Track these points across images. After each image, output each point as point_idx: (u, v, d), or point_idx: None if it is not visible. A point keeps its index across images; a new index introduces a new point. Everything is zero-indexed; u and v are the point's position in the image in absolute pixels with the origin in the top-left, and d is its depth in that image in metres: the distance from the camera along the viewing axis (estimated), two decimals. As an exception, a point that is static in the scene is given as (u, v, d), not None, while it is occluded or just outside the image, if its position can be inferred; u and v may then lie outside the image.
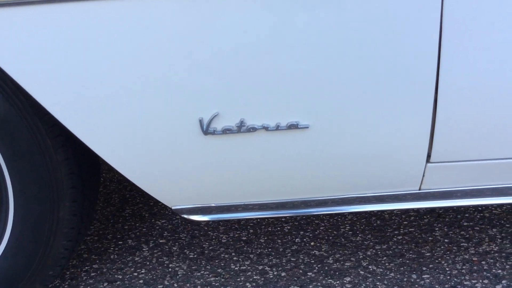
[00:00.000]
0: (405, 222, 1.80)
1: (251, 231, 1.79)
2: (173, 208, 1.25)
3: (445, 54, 1.04)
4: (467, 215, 1.82)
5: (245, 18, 1.02)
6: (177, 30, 1.03)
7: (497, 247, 1.62)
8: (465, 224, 1.77)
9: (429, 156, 1.16)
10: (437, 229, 1.75)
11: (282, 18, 1.02)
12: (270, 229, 1.79)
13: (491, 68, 1.05)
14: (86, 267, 1.63)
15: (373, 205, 1.25)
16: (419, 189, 1.22)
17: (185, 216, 1.26)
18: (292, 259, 1.61)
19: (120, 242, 1.77)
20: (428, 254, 1.60)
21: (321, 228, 1.78)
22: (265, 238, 1.74)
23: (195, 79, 1.06)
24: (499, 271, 1.50)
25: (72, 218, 1.33)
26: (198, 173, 1.17)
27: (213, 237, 1.77)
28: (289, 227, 1.80)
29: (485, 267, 1.52)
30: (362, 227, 1.78)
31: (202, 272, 1.57)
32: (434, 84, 1.06)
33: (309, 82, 1.06)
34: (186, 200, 1.23)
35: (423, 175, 1.19)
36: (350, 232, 1.75)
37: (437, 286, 1.44)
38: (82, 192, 1.34)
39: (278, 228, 1.80)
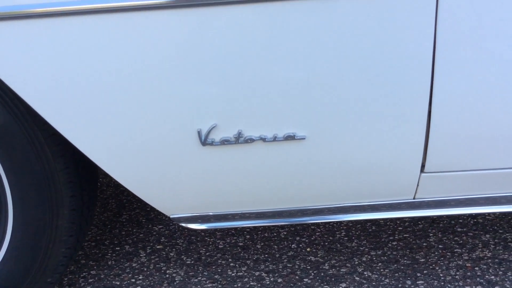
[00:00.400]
0: (399, 228, 1.82)
1: (248, 236, 1.81)
2: (171, 216, 1.27)
3: (438, 67, 1.06)
4: (460, 221, 1.85)
5: (242, 31, 1.03)
6: (175, 43, 1.04)
7: (490, 253, 1.64)
8: (459, 230, 1.79)
9: (423, 166, 1.18)
10: (431, 235, 1.77)
11: (278, 31, 1.03)
12: (266, 235, 1.81)
13: (484, 80, 1.07)
14: (84, 273, 1.64)
15: (369, 214, 1.27)
16: (414, 198, 1.24)
17: (183, 224, 1.27)
18: (288, 265, 1.63)
19: (118, 248, 1.79)
20: (422, 260, 1.62)
21: (317, 234, 1.80)
22: (262, 244, 1.76)
23: (193, 92, 1.08)
24: (492, 277, 1.52)
25: (71, 226, 1.35)
26: (196, 183, 1.19)
27: (210, 242, 1.78)
28: (285, 233, 1.82)
29: (478, 273, 1.54)
30: (357, 233, 1.80)
31: (199, 278, 1.59)
32: (428, 97, 1.08)
33: (305, 95, 1.08)
34: (184, 209, 1.25)
35: (418, 185, 1.21)
36: (346, 238, 1.77)
37: (431, 292, 1.46)
38: (81, 200, 1.35)
39: (275, 234, 1.81)
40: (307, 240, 1.77)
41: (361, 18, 1.02)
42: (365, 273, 1.57)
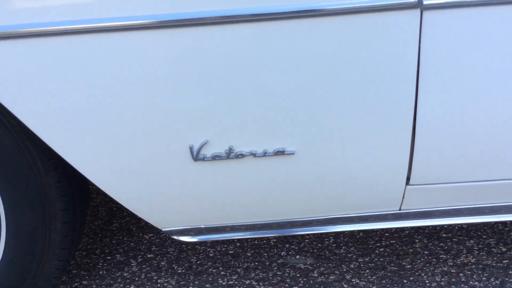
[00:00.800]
0: (386, 234, 1.86)
1: (238, 244, 1.83)
2: (163, 229, 1.29)
3: (422, 86, 1.09)
4: (445, 226, 1.89)
5: (232, 51, 1.06)
6: (167, 62, 1.06)
7: (474, 259, 1.68)
8: (444, 235, 1.83)
9: (408, 179, 1.22)
10: (417, 240, 1.81)
11: (267, 50, 1.06)
12: (256, 242, 1.84)
13: (465, 99, 1.11)
14: (76, 283, 1.65)
15: (357, 225, 1.30)
16: (399, 209, 1.28)
17: (175, 237, 1.30)
18: (278, 273, 1.66)
19: (109, 257, 1.80)
20: (408, 266, 1.66)
21: (306, 241, 1.83)
22: (252, 251, 1.79)
23: (185, 109, 1.10)
24: (476, 283, 1.56)
25: (63, 239, 1.36)
26: (188, 197, 1.21)
27: (201, 251, 1.80)
28: (275, 240, 1.84)
29: (462, 279, 1.58)
30: (345, 239, 1.83)
31: (191, 287, 1.61)
32: (412, 114, 1.12)
33: (295, 112, 1.11)
34: (176, 222, 1.28)
35: (403, 197, 1.25)
36: (334, 245, 1.80)
37: (417, 299, 1.50)
38: (73, 213, 1.37)
39: (264, 241, 1.84)
40: (296, 247, 1.80)
41: (349, 40, 1.05)
42: (353, 280, 1.61)
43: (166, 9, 1.02)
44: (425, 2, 1.01)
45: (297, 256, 1.74)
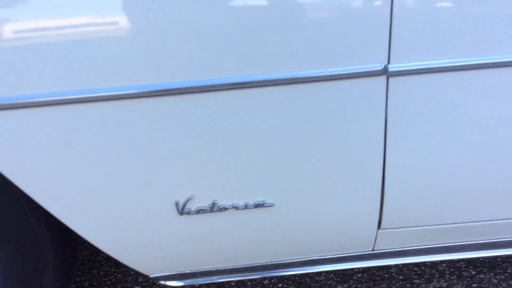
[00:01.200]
0: (364, 259, 1.95)
1: (222, 273, 1.90)
2: (151, 276, 1.36)
3: (390, 144, 1.18)
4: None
5: (214, 115, 1.12)
6: (153, 128, 1.12)
7: (446, 283, 1.78)
8: (417, 259, 1.93)
9: (380, 223, 1.31)
10: (393, 265, 1.90)
11: (249, 116, 1.13)
12: (240, 271, 1.91)
13: (428, 154, 1.20)
14: (66, 319, 1.71)
15: (336, 265, 1.39)
16: (372, 250, 1.38)
17: (162, 282, 1.37)
18: (261, 302, 1.74)
19: (97, 290, 1.86)
20: (384, 292, 1.76)
21: (287, 268, 1.91)
22: (236, 281, 1.86)
23: (171, 168, 1.17)
24: (447, 307, 1.67)
25: (55, 284, 1.42)
26: (175, 247, 1.28)
27: (187, 281, 1.87)
28: (257, 269, 1.92)
29: (435, 305, 1.68)
30: (325, 266, 1.91)
31: (178, 320, 1.68)
32: (381, 168, 1.21)
33: (273, 168, 1.19)
34: (163, 269, 1.35)
35: (375, 239, 1.34)
36: (314, 272, 1.89)
37: (392, 326, 1.59)
38: (63, 259, 1.43)
39: (248, 270, 1.91)
40: (278, 275, 1.87)
41: (323, 103, 1.13)
42: (332, 308, 1.69)
43: (149, 80, 1.08)
44: (390, 70, 1.10)
45: (280, 285, 1.82)
